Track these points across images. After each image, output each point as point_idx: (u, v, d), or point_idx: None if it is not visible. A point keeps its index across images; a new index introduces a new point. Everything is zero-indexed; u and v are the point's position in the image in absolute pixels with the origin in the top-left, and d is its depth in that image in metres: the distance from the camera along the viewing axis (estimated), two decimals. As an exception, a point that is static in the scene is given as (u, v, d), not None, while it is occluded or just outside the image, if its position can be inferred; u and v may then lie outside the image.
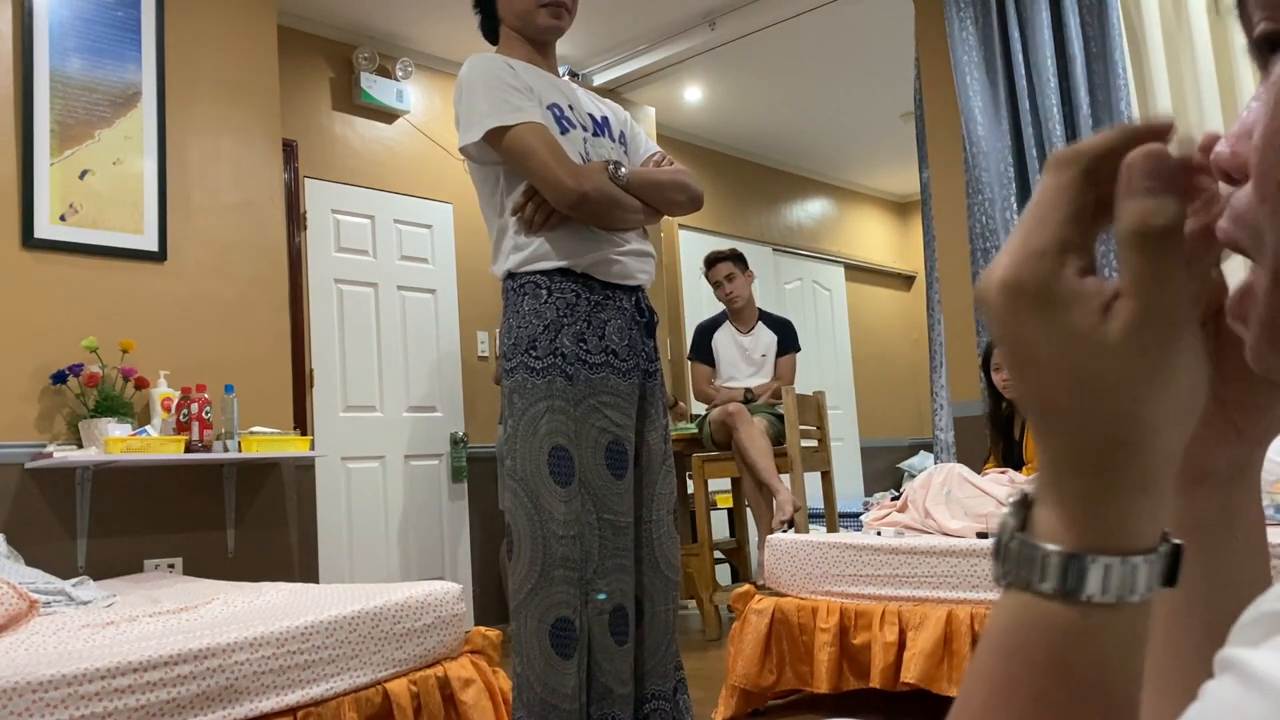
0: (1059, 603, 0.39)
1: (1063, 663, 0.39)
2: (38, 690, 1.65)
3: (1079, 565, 0.38)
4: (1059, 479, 0.40)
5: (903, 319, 8.29)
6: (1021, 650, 0.39)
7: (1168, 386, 0.38)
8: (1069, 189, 0.40)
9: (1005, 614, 0.41)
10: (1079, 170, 0.40)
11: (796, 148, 7.05)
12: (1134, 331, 0.38)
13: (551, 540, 1.93)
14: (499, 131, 1.98)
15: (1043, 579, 0.39)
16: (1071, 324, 0.39)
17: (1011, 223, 3.98)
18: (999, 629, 0.41)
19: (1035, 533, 0.40)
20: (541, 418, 1.97)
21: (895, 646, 2.71)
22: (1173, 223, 0.38)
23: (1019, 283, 0.39)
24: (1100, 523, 0.39)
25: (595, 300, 2.04)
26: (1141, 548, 0.39)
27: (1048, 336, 0.39)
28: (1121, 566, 0.38)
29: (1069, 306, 0.39)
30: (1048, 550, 0.39)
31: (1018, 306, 0.39)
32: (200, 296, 3.66)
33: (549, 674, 1.91)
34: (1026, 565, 0.40)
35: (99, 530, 3.32)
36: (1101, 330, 0.38)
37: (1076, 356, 0.38)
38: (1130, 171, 0.39)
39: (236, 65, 3.87)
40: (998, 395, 3.80)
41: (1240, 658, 0.32)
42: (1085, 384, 0.38)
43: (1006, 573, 0.41)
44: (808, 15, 4.87)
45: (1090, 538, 0.39)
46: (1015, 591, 0.40)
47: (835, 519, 4.65)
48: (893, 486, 7.31)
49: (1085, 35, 3.88)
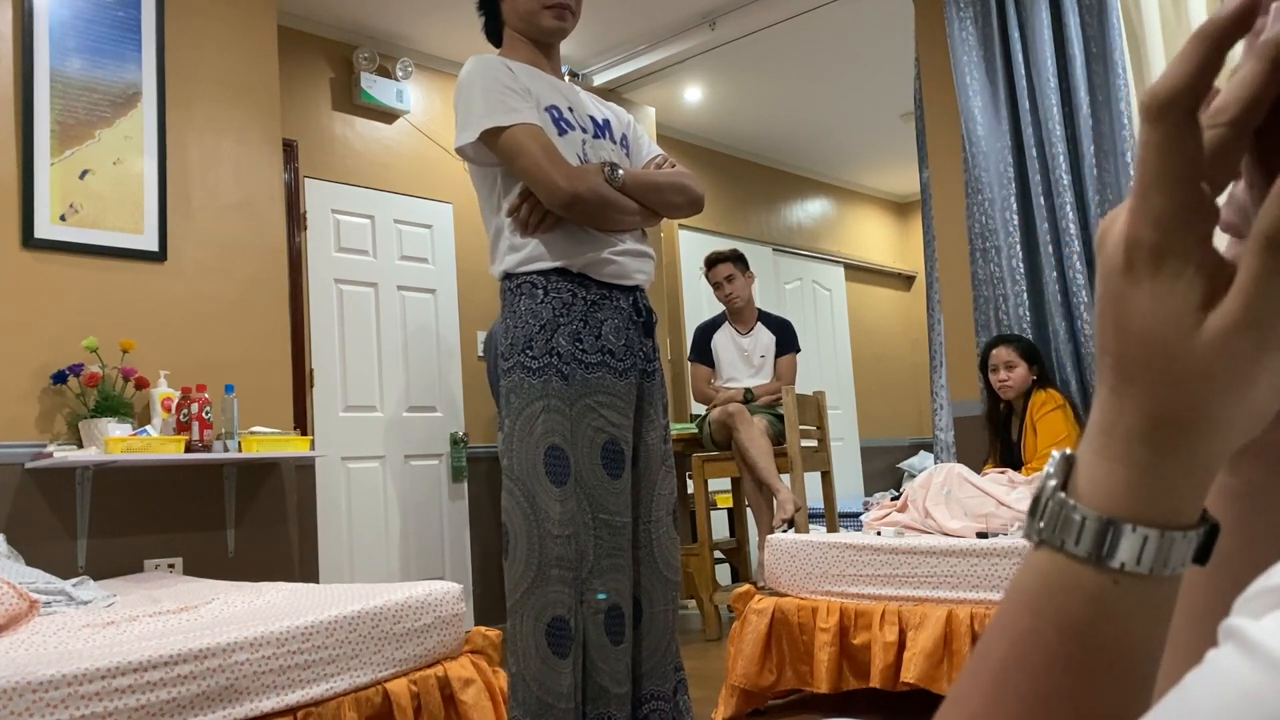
0: (1090, 567, 0.39)
1: (1086, 626, 0.39)
2: (38, 690, 1.65)
3: (1116, 532, 0.38)
4: (1112, 443, 0.39)
5: (903, 319, 8.29)
6: (1047, 610, 0.39)
7: (1245, 394, 0.37)
8: (1171, 145, 0.37)
9: (1033, 572, 0.40)
10: (1175, 119, 0.37)
11: (796, 148, 7.05)
12: (1230, 334, 0.36)
13: (547, 540, 1.94)
14: (494, 132, 1.99)
15: (1077, 541, 0.39)
16: (1175, 300, 0.37)
17: (1011, 223, 3.98)
18: (1025, 586, 0.41)
19: (1075, 494, 0.40)
20: (537, 417, 1.98)
21: (895, 646, 2.72)
22: None
23: (1137, 241, 0.38)
24: (1145, 494, 0.38)
25: (592, 300, 2.05)
26: (1181, 524, 0.39)
27: (1148, 304, 0.38)
28: (1159, 539, 0.38)
29: (1177, 279, 0.37)
30: (1087, 513, 0.39)
31: (1131, 264, 0.38)
32: (200, 296, 3.66)
33: (545, 673, 1.91)
34: (1063, 525, 0.39)
35: (99, 530, 3.33)
36: (1198, 318, 0.37)
37: (1168, 334, 0.37)
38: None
39: (236, 65, 3.87)
40: (995, 396, 3.80)
41: (1242, 627, 0.32)
42: (1167, 363, 0.37)
43: (1041, 530, 0.40)
44: (808, 15, 4.87)
45: (1132, 507, 0.38)
46: (1047, 550, 0.40)
47: (835, 519, 4.65)
48: (893, 486, 7.32)
49: (1085, 35, 3.88)
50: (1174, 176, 0.37)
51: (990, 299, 4.06)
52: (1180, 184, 0.37)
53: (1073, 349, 3.87)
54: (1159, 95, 0.37)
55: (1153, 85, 0.37)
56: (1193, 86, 0.36)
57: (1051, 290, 3.90)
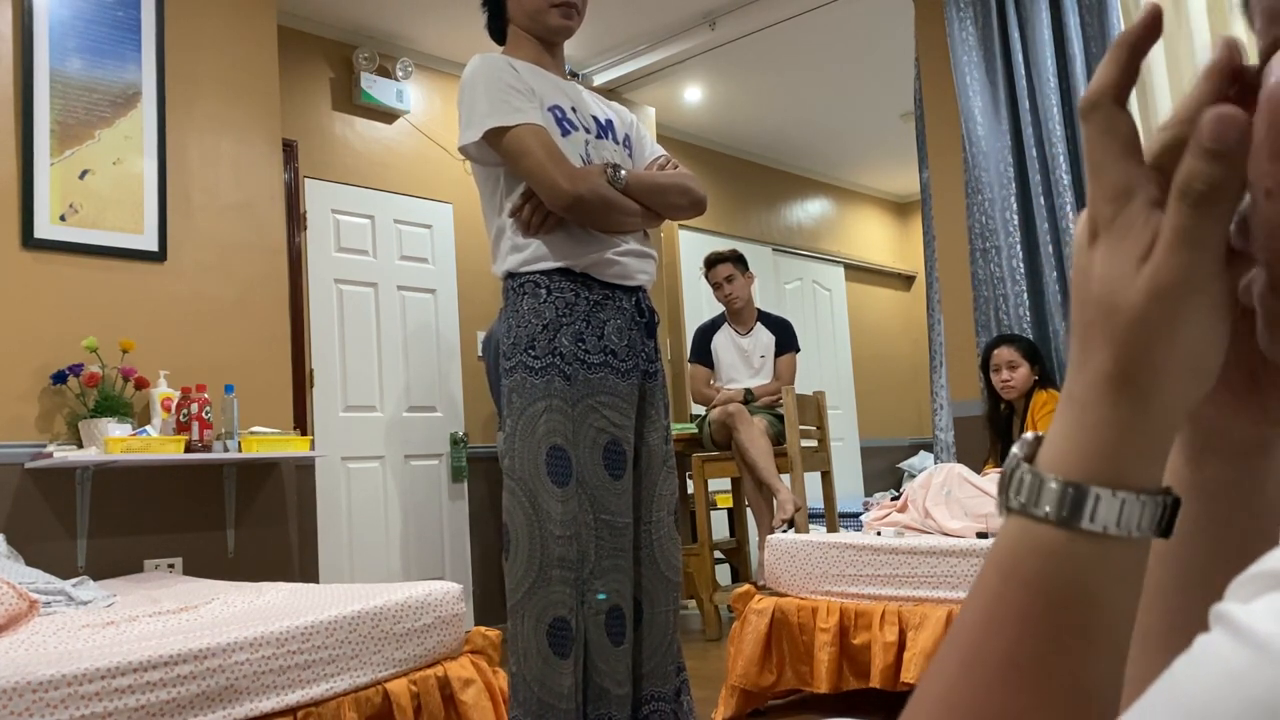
0: (1053, 527, 0.41)
1: (1051, 584, 0.41)
2: (38, 690, 1.65)
3: (1076, 494, 0.41)
4: (1071, 409, 0.43)
5: (903, 319, 8.29)
6: (1015, 571, 0.42)
7: (1175, 340, 0.40)
8: (1107, 132, 0.43)
9: (1005, 538, 0.43)
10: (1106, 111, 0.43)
11: (796, 148, 7.05)
12: (1154, 279, 0.40)
13: (549, 540, 1.93)
14: (498, 132, 1.98)
15: (1037, 504, 0.42)
16: (1120, 258, 0.41)
17: (1011, 223, 3.98)
18: (998, 550, 0.43)
19: (1040, 465, 0.43)
20: (539, 417, 1.97)
21: (895, 646, 2.71)
22: (1216, 188, 0.39)
23: (1095, 217, 0.43)
24: (1099, 455, 0.41)
25: (594, 300, 2.04)
26: (1135, 486, 0.41)
27: (1101, 265, 0.42)
28: (1113, 498, 0.41)
29: (1124, 238, 0.41)
30: (1047, 477, 0.42)
31: (1093, 237, 0.43)
32: (200, 296, 3.66)
33: (546, 673, 1.91)
34: (1027, 491, 0.42)
35: (99, 530, 3.32)
36: (1137, 270, 0.41)
37: (1113, 288, 0.41)
38: (1200, 131, 0.40)
39: (236, 65, 3.87)
40: (996, 396, 3.80)
41: (1231, 611, 0.32)
42: (1112, 316, 0.41)
43: (1009, 499, 0.43)
44: (808, 15, 4.87)
45: (1088, 469, 0.41)
46: (1016, 517, 0.43)
47: (835, 519, 4.65)
48: (893, 486, 7.32)
49: (1085, 35, 3.88)
50: (1114, 155, 0.42)
51: (990, 299, 4.06)
52: (1120, 160, 0.42)
53: (1073, 349, 3.86)
54: (1091, 94, 0.43)
55: (1087, 88, 0.44)
56: (1116, 83, 0.43)
57: (1051, 290, 3.90)
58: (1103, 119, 0.42)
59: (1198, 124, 0.40)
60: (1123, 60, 0.43)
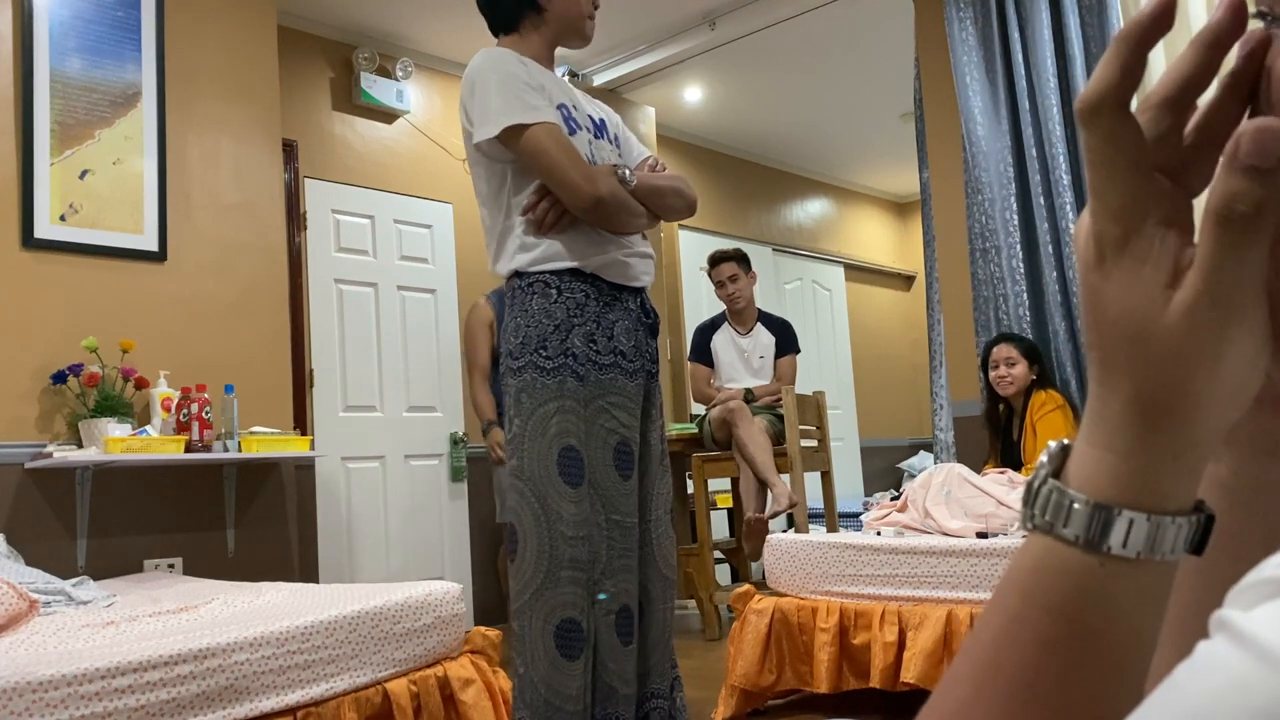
0: (1079, 551, 0.39)
1: (1074, 610, 0.39)
2: (38, 690, 1.65)
3: (1105, 516, 0.39)
4: (1101, 430, 0.40)
5: (903, 319, 8.29)
6: (1037, 592, 0.40)
7: (1217, 367, 0.38)
8: (1109, 140, 0.39)
9: (1027, 556, 0.41)
10: (1109, 116, 0.39)
11: (796, 148, 7.05)
12: (1192, 309, 0.37)
13: (559, 541, 1.92)
14: (516, 130, 1.95)
15: (1066, 525, 0.39)
16: (1142, 284, 0.38)
17: (1011, 223, 3.98)
18: (1019, 569, 0.41)
19: (1068, 481, 0.41)
20: (551, 418, 1.95)
21: (895, 646, 2.71)
22: (1260, 207, 0.37)
23: (1101, 236, 0.39)
24: (1132, 479, 0.39)
25: (604, 301, 2.03)
26: (1169, 509, 0.39)
27: (1119, 292, 0.39)
28: (1146, 524, 0.39)
29: (1142, 264, 0.38)
30: (1076, 498, 0.40)
31: (1101, 258, 0.39)
32: (200, 296, 3.66)
33: (553, 675, 1.90)
34: (1054, 511, 0.40)
35: (99, 530, 3.32)
36: (1166, 297, 0.38)
37: (1140, 317, 0.38)
38: (1236, 146, 0.37)
39: (236, 65, 3.87)
40: (995, 395, 3.80)
41: (1232, 618, 0.32)
42: (1141, 345, 0.38)
43: (1034, 516, 0.41)
44: (808, 15, 4.87)
45: (1119, 492, 0.39)
46: (1040, 536, 0.41)
47: (835, 519, 4.65)
48: (893, 486, 7.32)
49: (1085, 35, 3.89)
50: (1120, 169, 0.38)
51: (990, 299, 4.06)
52: (1128, 175, 0.38)
53: (1073, 349, 3.87)
54: (1090, 98, 0.39)
55: (1083, 91, 0.39)
56: (1119, 84, 0.38)
57: (1051, 290, 3.90)
58: (1105, 126, 0.38)
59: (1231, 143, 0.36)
60: (1126, 57, 0.38)
